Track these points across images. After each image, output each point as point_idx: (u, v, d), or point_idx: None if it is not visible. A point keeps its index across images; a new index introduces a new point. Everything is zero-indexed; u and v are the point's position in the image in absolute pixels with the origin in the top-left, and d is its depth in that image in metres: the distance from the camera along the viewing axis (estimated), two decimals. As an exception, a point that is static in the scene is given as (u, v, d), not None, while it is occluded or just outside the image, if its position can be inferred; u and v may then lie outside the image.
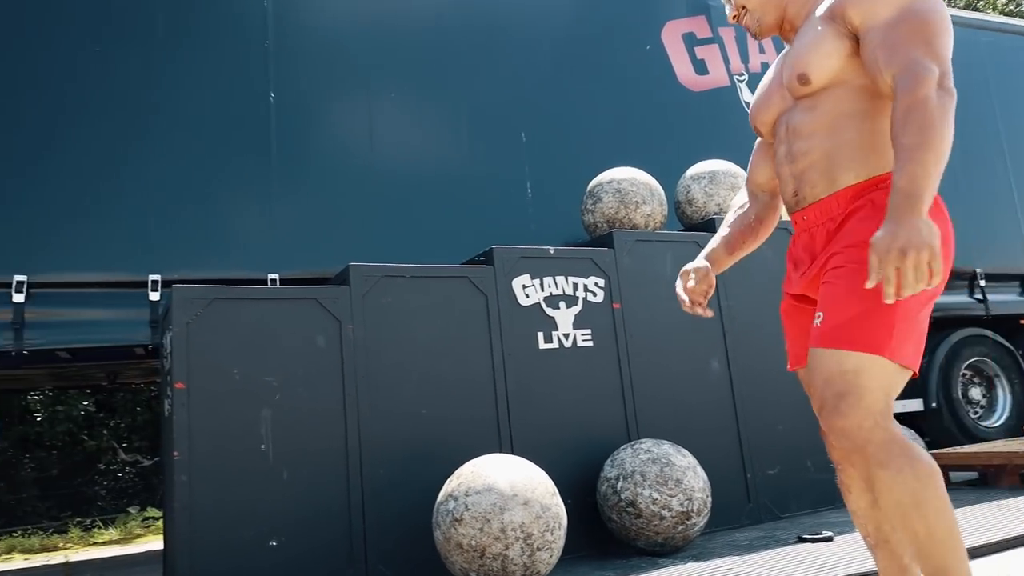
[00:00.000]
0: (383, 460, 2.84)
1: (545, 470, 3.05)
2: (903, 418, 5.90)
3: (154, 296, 3.67)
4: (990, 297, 5.71)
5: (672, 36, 5.36)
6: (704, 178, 4.08)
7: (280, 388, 2.74)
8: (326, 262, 3.90)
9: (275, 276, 3.88)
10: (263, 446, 2.66)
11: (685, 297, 1.81)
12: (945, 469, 4.18)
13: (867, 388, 1.35)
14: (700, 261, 1.84)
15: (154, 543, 5.62)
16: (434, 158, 4.35)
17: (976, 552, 2.60)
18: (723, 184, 4.05)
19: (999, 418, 5.79)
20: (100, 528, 6.28)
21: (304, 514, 2.68)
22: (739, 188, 4.09)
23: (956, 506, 3.58)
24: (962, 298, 5.81)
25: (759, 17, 1.64)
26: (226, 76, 3.93)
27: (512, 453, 3.06)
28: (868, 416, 1.34)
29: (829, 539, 2.93)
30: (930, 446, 5.68)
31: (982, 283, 5.70)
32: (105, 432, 6.95)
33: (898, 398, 4.75)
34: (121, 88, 3.72)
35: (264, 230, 3.87)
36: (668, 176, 4.72)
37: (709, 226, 3.88)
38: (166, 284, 3.65)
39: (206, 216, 3.77)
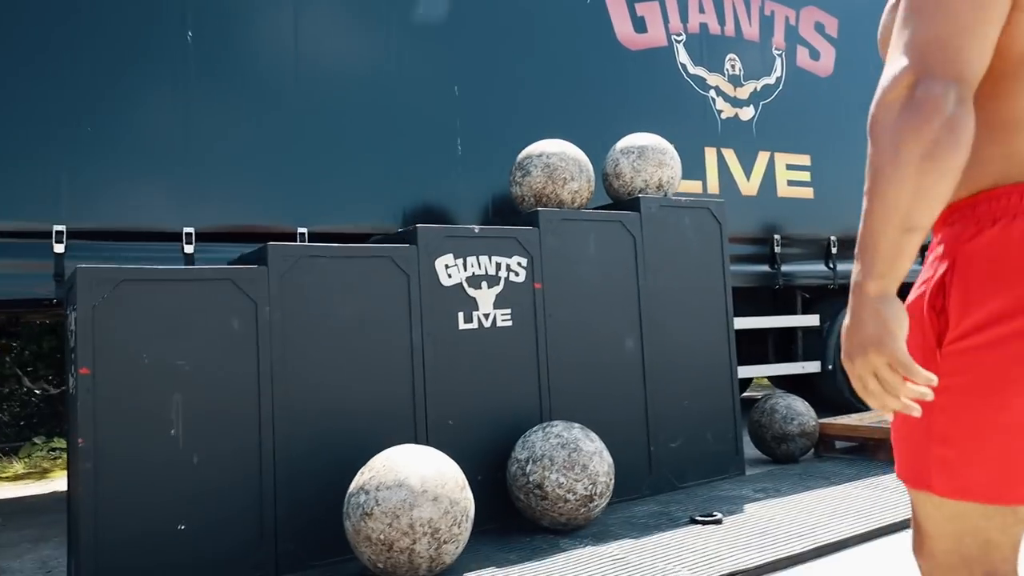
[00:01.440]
0: (297, 439, 2.86)
1: (458, 447, 3.15)
2: (800, 379, 6.28)
3: (59, 248, 3.52)
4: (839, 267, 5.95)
5: (613, -10, 5.24)
6: (633, 152, 4.09)
7: (192, 371, 2.70)
8: (248, 212, 3.81)
9: (190, 229, 3.76)
10: (173, 431, 2.64)
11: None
12: (830, 438, 4.51)
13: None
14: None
15: (61, 480, 5.55)
16: (364, 105, 4.20)
17: (852, 541, 2.85)
18: (651, 160, 4.07)
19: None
20: (5, 461, 6.14)
21: (214, 495, 2.69)
22: (666, 165, 4.13)
23: (836, 483, 3.90)
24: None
25: None
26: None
27: (427, 431, 3.13)
28: None
29: (719, 521, 3.15)
30: (823, 406, 6.09)
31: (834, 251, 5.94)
32: (8, 359, 6.70)
33: (798, 360, 5.01)
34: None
35: (177, 181, 3.71)
36: (600, 136, 4.73)
37: (634, 204, 3.92)
38: (73, 235, 3.51)
39: (113, 158, 3.58)
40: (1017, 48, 0.91)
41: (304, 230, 4.02)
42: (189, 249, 3.81)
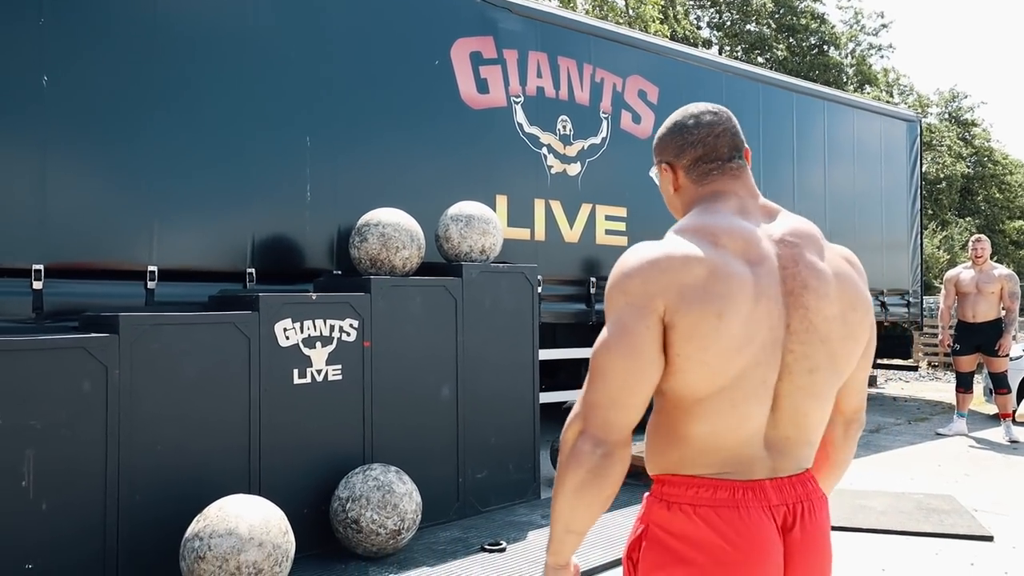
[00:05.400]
0: (141, 489, 3.28)
1: (289, 487, 3.68)
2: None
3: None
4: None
5: (460, 53, 5.80)
6: (461, 220, 4.71)
7: (44, 429, 3.05)
8: (102, 250, 4.09)
9: (39, 266, 3.99)
10: (24, 482, 3.00)
11: None
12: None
13: None
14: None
15: None
16: (220, 152, 4.52)
17: (598, 570, 3.64)
18: (476, 229, 4.70)
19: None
20: None
21: (61, 537, 3.07)
22: (489, 233, 4.78)
23: (608, 509, 4.68)
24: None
25: None
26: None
27: (260, 477, 3.63)
28: None
29: (503, 549, 3.87)
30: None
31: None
32: None
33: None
34: None
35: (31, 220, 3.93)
36: (438, 186, 5.33)
37: (457, 270, 4.55)
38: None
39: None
40: (687, 395, 1.30)
41: (154, 268, 4.35)
42: (38, 285, 4.04)
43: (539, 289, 6.06)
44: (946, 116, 27.96)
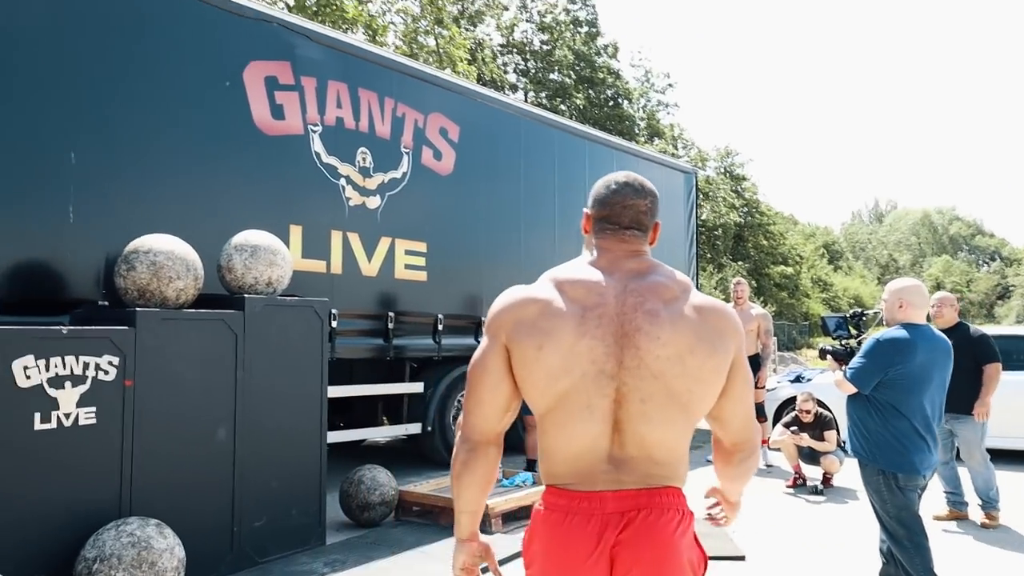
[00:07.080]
0: None
1: (20, 549, 3.23)
2: (406, 440, 7.11)
3: None
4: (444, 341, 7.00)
5: (254, 76, 5.55)
6: (246, 251, 4.44)
7: None
8: None
9: None
10: None
11: None
12: (408, 504, 5.29)
13: None
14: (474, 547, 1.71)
15: None
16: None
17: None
18: (262, 259, 4.46)
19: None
20: None
21: None
22: (277, 265, 4.55)
23: (396, 551, 4.59)
24: (468, 340, 7.17)
25: None
26: None
27: (-16, 539, 3.13)
28: None
29: (278, 602, 3.63)
30: (425, 461, 7.03)
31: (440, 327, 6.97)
32: None
33: (403, 422, 5.79)
34: None
35: None
36: (226, 213, 5.01)
37: (239, 303, 4.27)
38: None
39: None
40: (534, 411, 1.59)
41: None
42: None
43: (334, 324, 5.89)
44: (722, 170, 31.15)
